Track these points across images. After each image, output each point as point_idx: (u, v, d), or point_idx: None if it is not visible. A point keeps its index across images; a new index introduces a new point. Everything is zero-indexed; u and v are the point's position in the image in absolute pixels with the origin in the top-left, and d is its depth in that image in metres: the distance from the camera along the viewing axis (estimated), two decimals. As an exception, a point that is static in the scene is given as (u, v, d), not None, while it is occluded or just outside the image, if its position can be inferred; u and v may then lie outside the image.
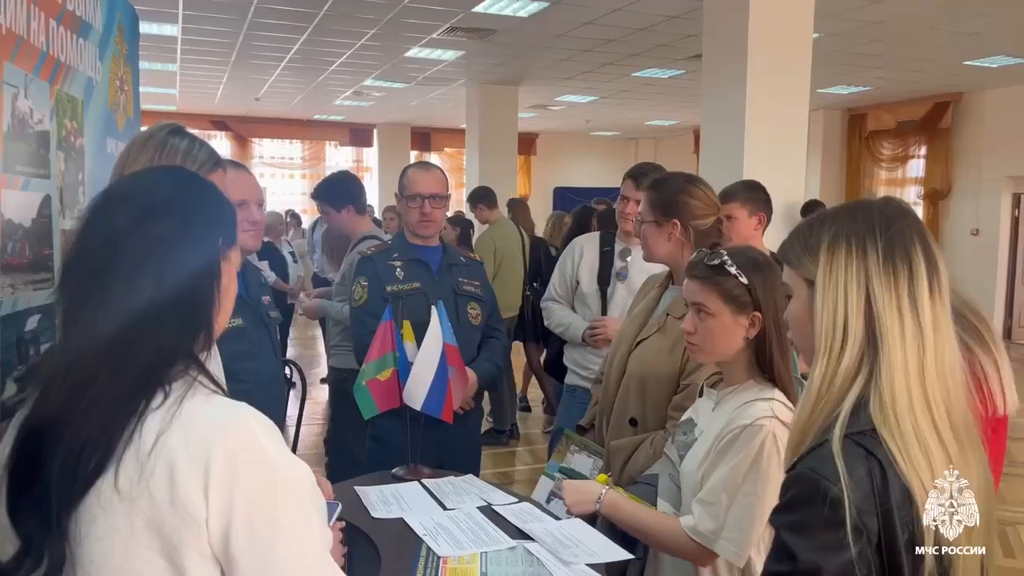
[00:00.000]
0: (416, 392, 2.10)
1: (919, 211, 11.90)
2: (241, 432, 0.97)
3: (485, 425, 6.24)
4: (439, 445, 2.58)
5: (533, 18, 7.35)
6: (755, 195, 3.10)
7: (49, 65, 2.07)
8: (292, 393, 5.85)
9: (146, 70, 10.04)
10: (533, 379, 6.50)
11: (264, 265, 7.25)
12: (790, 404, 1.69)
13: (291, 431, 4.08)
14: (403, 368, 2.14)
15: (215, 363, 1.75)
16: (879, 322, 1.14)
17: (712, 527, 1.62)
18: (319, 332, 8.35)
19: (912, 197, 12.12)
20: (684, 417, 1.88)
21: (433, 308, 2.17)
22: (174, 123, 1.80)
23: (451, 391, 2.16)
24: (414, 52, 8.87)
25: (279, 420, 2.50)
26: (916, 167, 12.07)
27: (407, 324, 2.25)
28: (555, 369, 3.63)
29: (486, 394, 6.46)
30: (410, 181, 2.75)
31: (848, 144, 12.88)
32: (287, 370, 5.46)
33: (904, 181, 12.34)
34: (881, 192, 12.54)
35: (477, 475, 2.85)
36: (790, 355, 1.76)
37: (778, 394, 1.71)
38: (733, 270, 1.73)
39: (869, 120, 12.48)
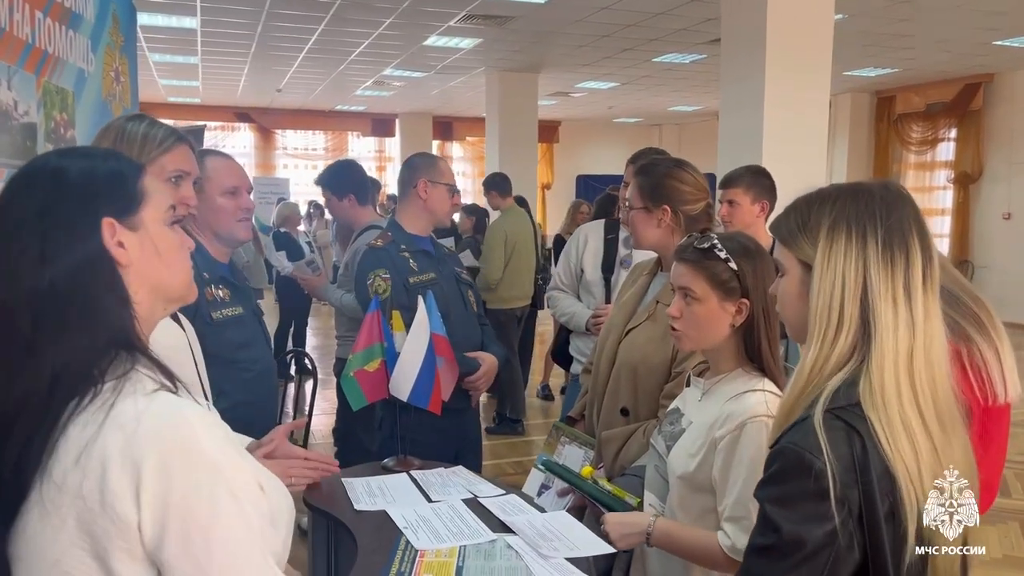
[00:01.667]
0: (402, 383, 2.08)
1: (949, 195, 11.68)
2: (180, 433, 0.93)
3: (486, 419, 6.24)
4: (455, 436, 2.56)
5: (549, 4, 7.29)
6: (759, 181, 3.02)
7: (35, 57, 2.07)
8: (309, 384, 5.89)
9: (168, 63, 10.16)
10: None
11: (282, 255, 7.29)
12: (780, 394, 1.64)
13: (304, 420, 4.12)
14: (391, 359, 2.12)
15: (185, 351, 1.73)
16: (873, 311, 1.16)
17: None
18: (339, 322, 8.39)
19: (942, 181, 11.89)
20: (671, 407, 1.84)
21: (420, 298, 2.15)
22: (137, 112, 1.81)
23: (439, 382, 2.14)
24: (432, 40, 8.85)
25: (274, 410, 2.49)
26: (946, 150, 11.83)
27: (396, 314, 2.23)
28: (561, 358, 3.60)
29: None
30: (447, 171, 2.77)
31: (876, 127, 12.65)
32: (305, 360, 5.48)
33: (933, 164, 12.10)
34: (910, 176, 12.34)
35: (480, 465, 2.84)
36: (779, 343, 1.71)
37: (768, 384, 1.66)
38: (722, 255, 1.68)
39: (898, 102, 12.24)
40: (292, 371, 6.81)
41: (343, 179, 3.62)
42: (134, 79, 2.87)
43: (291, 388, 5.71)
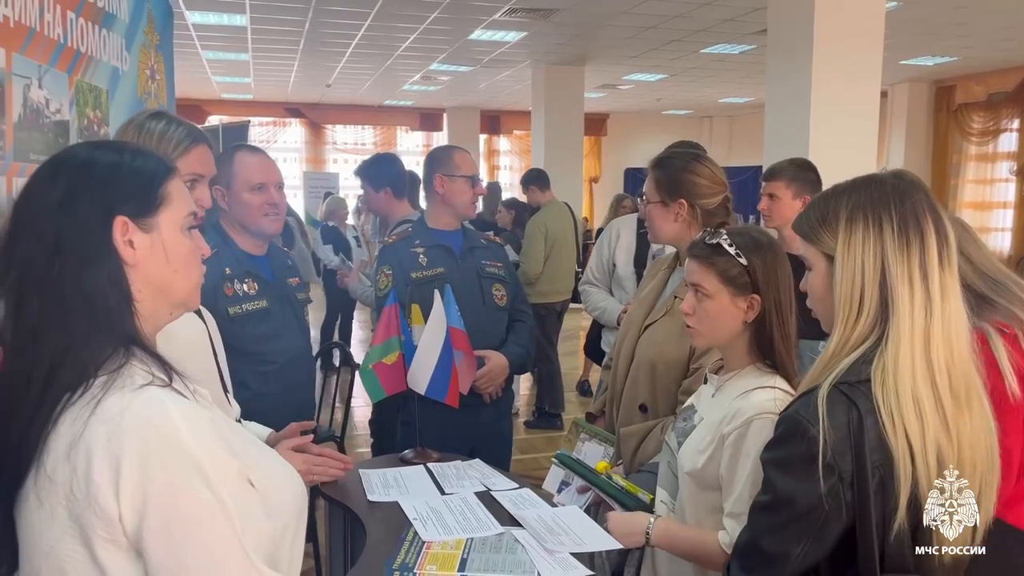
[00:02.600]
0: (420, 376, 2.10)
1: (1011, 188, 11.29)
2: (160, 428, 0.94)
3: (526, 413, 6.24)
4: (471, 430, 2.57)
5: (592, -5, 7.25)
6: (803, 175, 2.91)
7: (67, 56, 2.13)
8: (352, 375, 5.98)
9: (221, 60, 10.38)
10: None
11: (328, 249, 7.39)
12: (792, 391, 1.61)
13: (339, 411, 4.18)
14: (409, 352, 2.14)
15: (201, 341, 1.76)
16: (891, 293, 1.24)
17: None
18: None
19: (1004, 173, 11.48)
20: (686, 403, 1.82)
21: (437, 292, 2.16)
22: (158, 109, 1.84)
23: (457, 375, 2.15)
24: (477, 34, 8.87)
25: (306, 398, 2.52)
26: (1008, 141, 11.44)
27: (415, 308, 2.24)
28: (593, 352, 3.59)
29: (524, 379, 6.46)
30: (463, 163, 2.73)
31: (935, 118, 12.27)
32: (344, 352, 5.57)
33: (995, 156, 11.70)
34: (971, 168, 11.97)
35: (509, 460, 2.84)
36: (792, 339, 1.67)
37: (779, 381, 1.63)
38: (732, 250, 1.65)
39: (958, 92, 11.86)
40: (336, 362, 6.91)
41: (381, 171, 3.65)
42: (170, 77, 2.94)
43: (333, 379, 5.81)
